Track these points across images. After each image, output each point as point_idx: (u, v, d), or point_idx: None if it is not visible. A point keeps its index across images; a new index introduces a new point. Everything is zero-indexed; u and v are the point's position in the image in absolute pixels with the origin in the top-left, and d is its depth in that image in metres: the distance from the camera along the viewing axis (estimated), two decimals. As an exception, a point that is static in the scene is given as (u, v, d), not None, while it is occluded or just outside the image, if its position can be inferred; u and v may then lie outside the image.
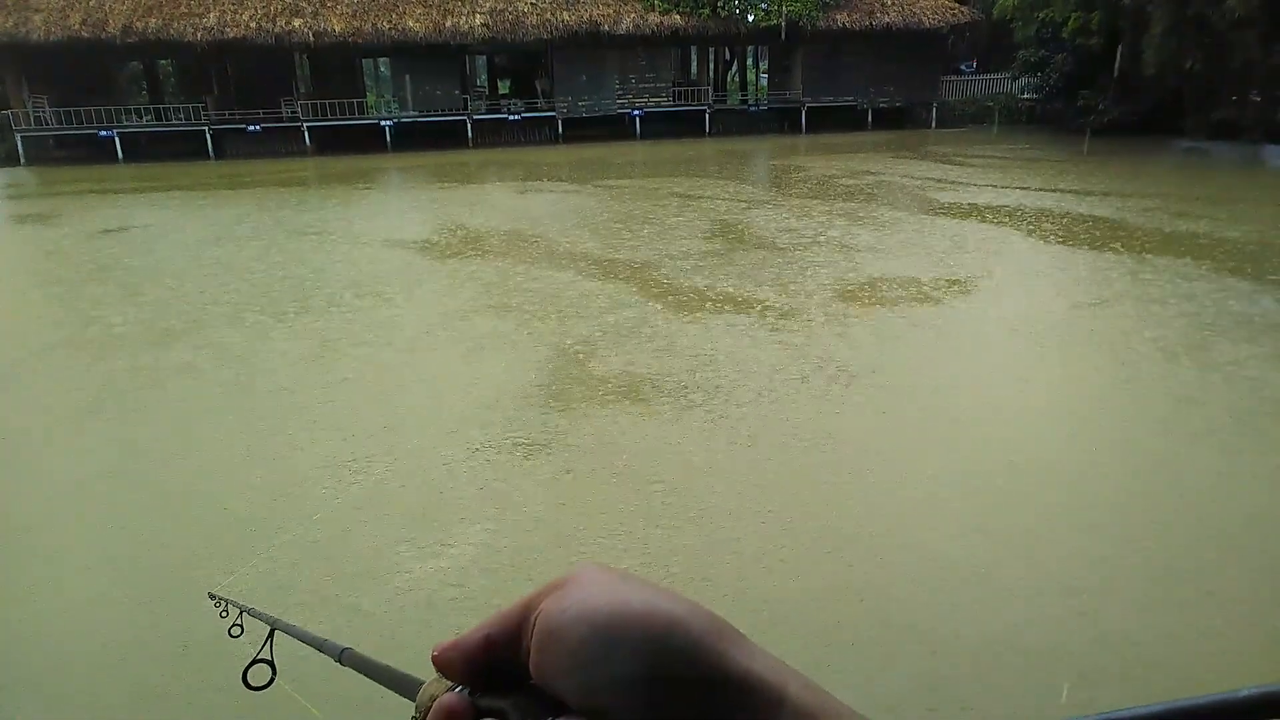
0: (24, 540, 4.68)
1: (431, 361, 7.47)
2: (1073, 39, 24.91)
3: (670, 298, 9.05)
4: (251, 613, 1.07)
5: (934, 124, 30.34)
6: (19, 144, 26.07)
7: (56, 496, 5.13)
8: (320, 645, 0.85)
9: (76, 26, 24.50)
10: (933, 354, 7.36)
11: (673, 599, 0.36)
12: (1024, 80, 29.50)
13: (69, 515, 4.91)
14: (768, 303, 8.76)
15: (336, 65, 30.73)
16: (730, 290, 9.26)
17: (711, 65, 34.92)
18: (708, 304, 8.77)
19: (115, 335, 8.36)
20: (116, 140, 26.47)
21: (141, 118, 28.34)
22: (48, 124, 26.42)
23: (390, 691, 0.55)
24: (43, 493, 5.20)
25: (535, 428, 5.82)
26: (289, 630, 0.94)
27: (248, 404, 6.52)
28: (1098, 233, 11.83)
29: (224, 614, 1.15)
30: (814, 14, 27.41)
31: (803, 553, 4.28)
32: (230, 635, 1.06)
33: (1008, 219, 13.15)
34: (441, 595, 3.95)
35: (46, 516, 4.91)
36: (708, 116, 29.75)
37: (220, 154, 27.18)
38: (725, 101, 32.61)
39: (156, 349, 7.86)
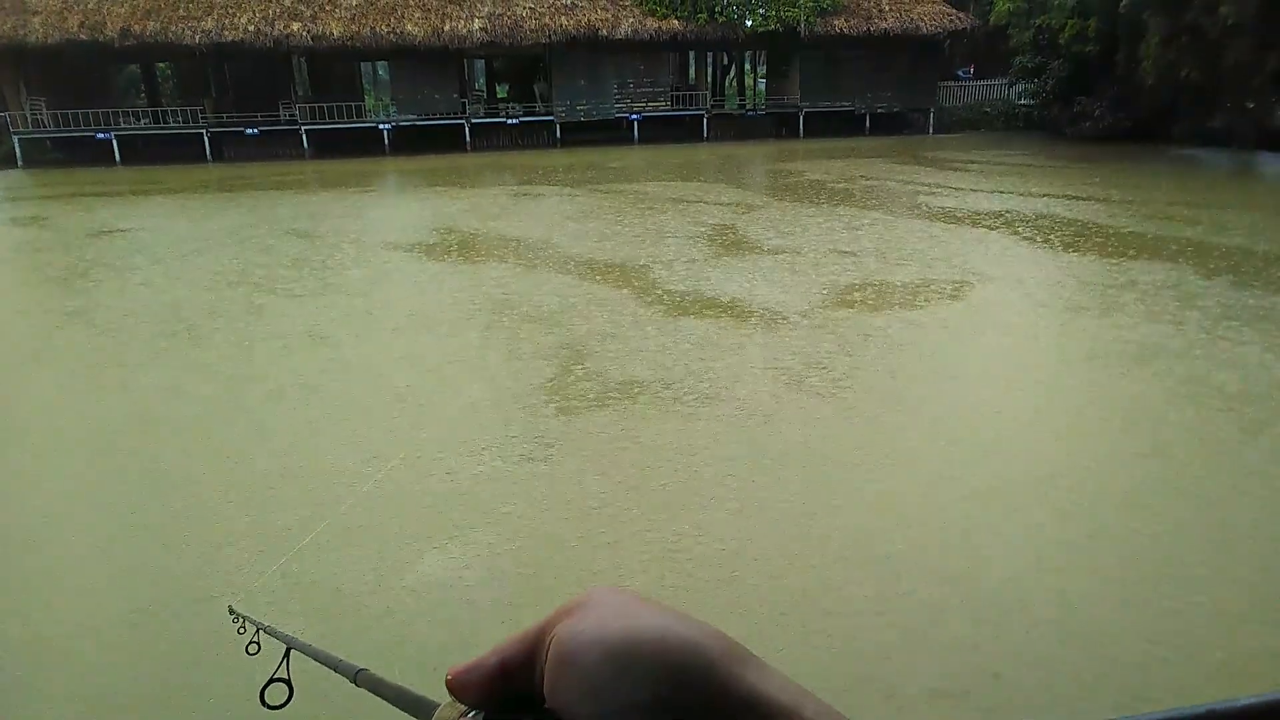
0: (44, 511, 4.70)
1: (423, 365, 7.49)
2: (1069, 45, 24.99)
3: (664, 301, 9.08)
4: (268, 631, 1.09)
5: (931, 129, 30.42)
6: (16, 146, 26.04)
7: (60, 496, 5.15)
8: (336, 665, 0.85)
9: (75, 29, 24.49)
10: (922, 353, 7.41)
11: (686, 622, 0.36)
12: (1021, 86, 29.61)
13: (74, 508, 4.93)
14: (762, 306, 8.79)
15: (335, 69, 30.76)
16: (725, 294, 9.29)
17: (710, 70, 34.99)
18: (702, 308, 8.81)
19: (108, 338, 8.38)
20: (114, 143, 26.45)
21: (139, 120, 28.32)
22: (45, 126, 26.39)
23: (406, 715, 0.55)
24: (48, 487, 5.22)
25: (532, 432, 5.85)
26: (305, 650, 0.96)
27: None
28: (1082, 238, 11.91)
29: (241, 630, 1.17)
30: (812, 19, 27.49)
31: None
32: (248, 653, 1.08)
33: (999, 224, 13.21)
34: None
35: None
36: (705, 121, 29.80)
37: (218, 157, 27.17)
38: (723, 106, 32.68)
39: (145, 351, 7.88)
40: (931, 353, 7.63)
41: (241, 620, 1.19)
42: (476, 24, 26.37)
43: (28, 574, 4.43)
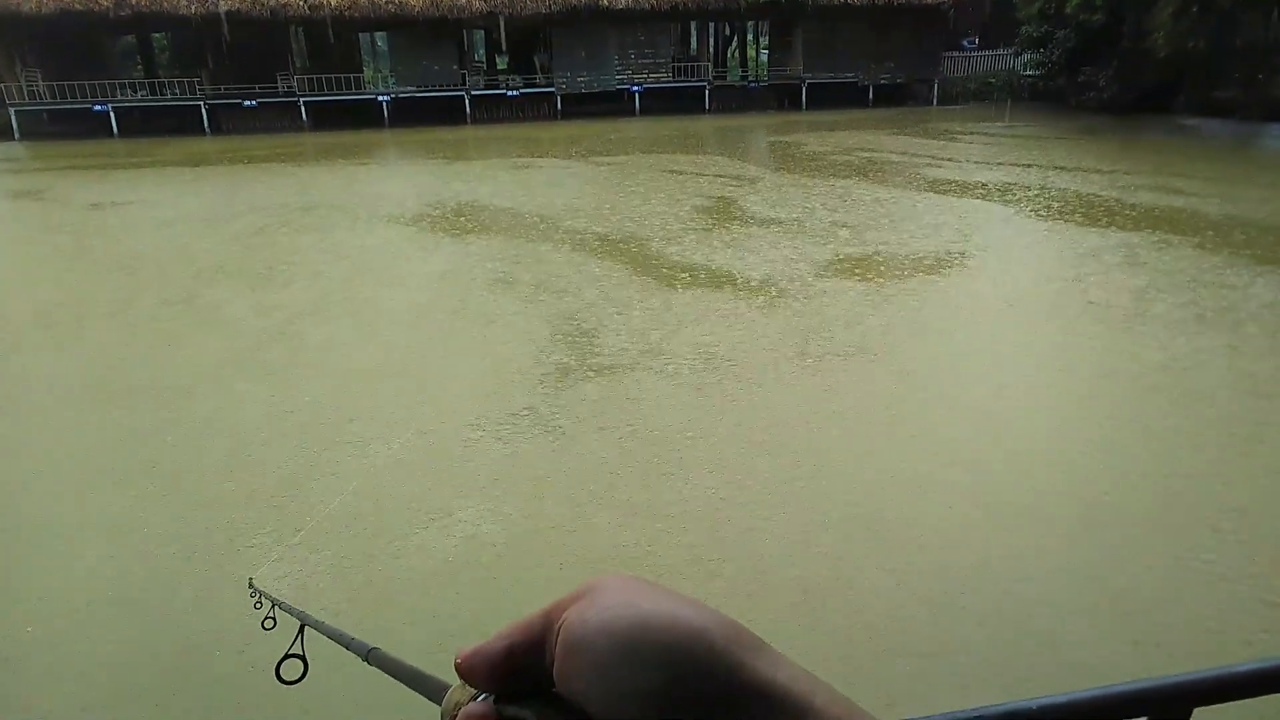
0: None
1: (430, 338, 7.49)
2: (1076, 15, 24.70)
3: (660, 271, 9.05)
4: (283, 607, 1.09)
5: (935, 101, 30.13)
6: (12, 118, 25.84)
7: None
8: (348, 643, 0.85)
9: (69, -1, 24.22)
10: (918, 322, 7.40)
11: (697, 609, 0.36)
12: (1026, 57, 29.29)
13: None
14: (757, 276, 8.77)
15: (333, 40, 30.37)
16: (722, 264, 9.25)
17: (712, 41, 34.64)
18: (701, 278, 8.78)
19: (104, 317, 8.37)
20: (111, 115, 26.25)
21: (136, 92, 28.07)
22: (41, 98, 26.17)
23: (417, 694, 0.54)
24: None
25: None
26: (318, 627, 0.96)
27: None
28: (1088, 210, 11.85)
29: (258, 605, 1.17)
30: (815, -11, 27.16)
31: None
32: (264, 628, 1.09)
33: (999, 195, 13.17)
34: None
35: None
36: (707, 93, 29.54)
37: (216, 129, 26.96)
38: (725, 78, 32.37)
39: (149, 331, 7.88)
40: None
41: (259, 595, 1.20)
42: (476, -6, 26.05)
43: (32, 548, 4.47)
